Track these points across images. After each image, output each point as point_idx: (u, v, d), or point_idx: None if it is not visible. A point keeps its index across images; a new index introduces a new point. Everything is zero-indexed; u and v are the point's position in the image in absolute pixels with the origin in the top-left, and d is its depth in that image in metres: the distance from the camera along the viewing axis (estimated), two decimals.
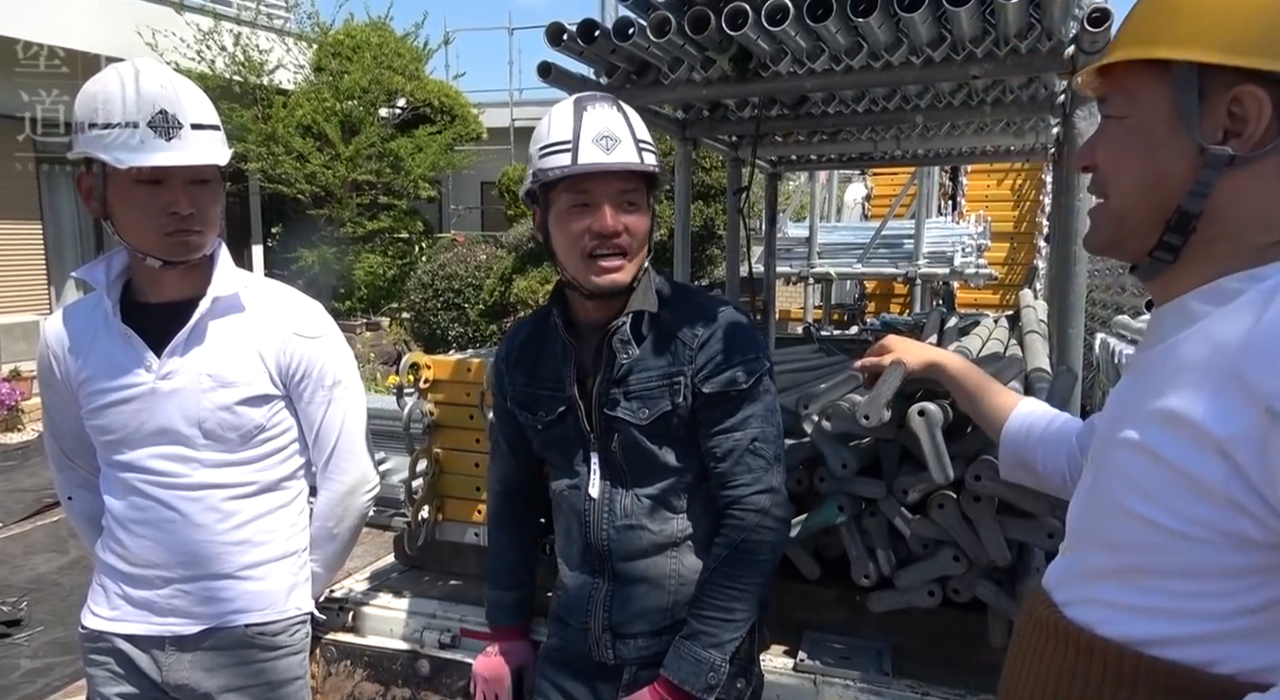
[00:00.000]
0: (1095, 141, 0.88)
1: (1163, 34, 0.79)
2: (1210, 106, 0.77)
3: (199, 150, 1.40)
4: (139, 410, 1.48)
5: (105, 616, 1.54)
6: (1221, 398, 0.70)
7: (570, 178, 1.31)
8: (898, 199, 5.83)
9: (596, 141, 1.30)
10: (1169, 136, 0.79)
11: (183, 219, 1.41)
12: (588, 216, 1.32)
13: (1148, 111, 0.81)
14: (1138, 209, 0.83)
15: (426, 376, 1.95)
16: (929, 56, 1.77)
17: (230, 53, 10.80)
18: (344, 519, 1.67)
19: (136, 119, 1.35)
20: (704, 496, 1.42)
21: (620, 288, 1.35)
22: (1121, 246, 0.88)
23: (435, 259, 9.93)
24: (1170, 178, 0.79)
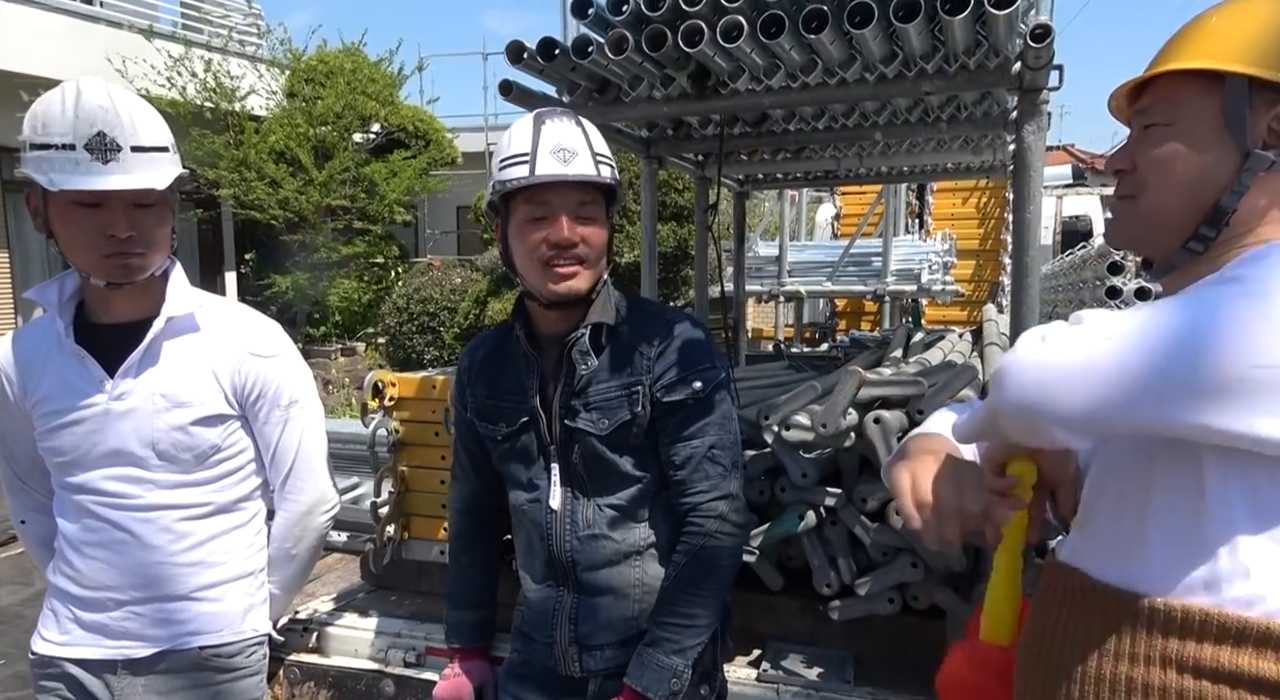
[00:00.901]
0: (1132, 147, 0.96)
1: (1217, 50, 0.89)
2: (1255, 118, 0.87)
3: (138, 174, 1.37)
4: (92, 431, 1.46)
5: (56, 641, 1.50)
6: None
7: (528, 189, 1.33)
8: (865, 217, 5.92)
9: (554, 153, 1.32)
10: (1215, 141, 0.89)
11: (121, 242, 1.38)
12: (545, 227, 1.34)
13: (1195, 118, 0.90)
14: (1175, 206, 0.91)
15: (391, 394, 1.95)
16: (882, 73, 1.81)
17: (201, 79, 10.77)
18: (302, 539, 1.65)
19: (73, 140, 1.33)
20: (665, 505, 1.42)
21: (577, 295, 1.36)
22: (1148, 242, 0.96)
23: (410, 283, 9.91)
24: (1212, 178, 0.89)
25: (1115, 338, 0.78)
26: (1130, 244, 1.01)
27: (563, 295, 1.36)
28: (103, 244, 1.38)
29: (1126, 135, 1.01)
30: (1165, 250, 0.94)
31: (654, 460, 1.41)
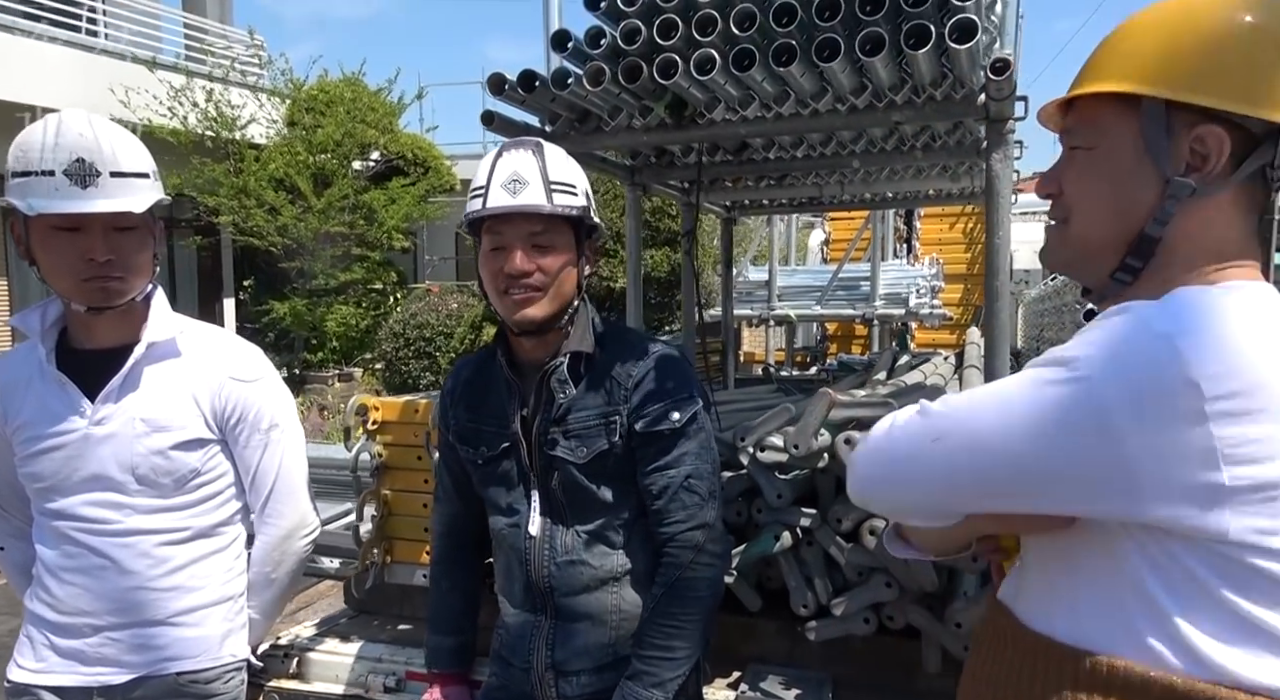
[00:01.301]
0: (1060, 170, 0.92)
1: (1133, 70, 0.84)
2: (1175, 141, 0.82)
3: (119, 198, 1.41)
4: (71, 457, 1.48)
5: (31, 669, 1.51)
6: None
7: (486, 220, 1.36)
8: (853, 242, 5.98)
9: (505, 185, 1.35)
10: (1136, 166, 0.84)
11: (100, 266, 1.41)
12: (502, 258, 1.37)
13: (1116, 143, 0.86)
14: (1102, 234, 0.87)
15: (374, 418, 1.96)
16: (853, 104, 1.85)
17: (203, 108, 10.91)
18: (281, 564, 1.66)
19: (53, 167, 1.37)
20: (644, 532, 1.44)
21: (533, 323, 1.38)
22: (1081, 268, 0.93)
23: (407, 308, 9.95)
24: (1135, 205, 0.84)
25: (941, 436, 0.80)
26: (1063, 269, 0.99)
27: (521, 323, 1.39)
28: (82, 268, 1.41)
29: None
30: (1097, 278, 0.91)
31: (632, 488, 1.42)
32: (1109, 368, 0.72)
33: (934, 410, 0.82)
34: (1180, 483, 0.70)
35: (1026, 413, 0.75)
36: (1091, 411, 0.72)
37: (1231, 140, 0.80)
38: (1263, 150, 0.81)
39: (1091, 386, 0.72)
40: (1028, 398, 0.75)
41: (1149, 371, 0.71)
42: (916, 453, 0.82)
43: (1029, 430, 0.74)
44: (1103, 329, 0.76)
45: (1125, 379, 0.71)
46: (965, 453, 0.78)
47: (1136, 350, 0.72)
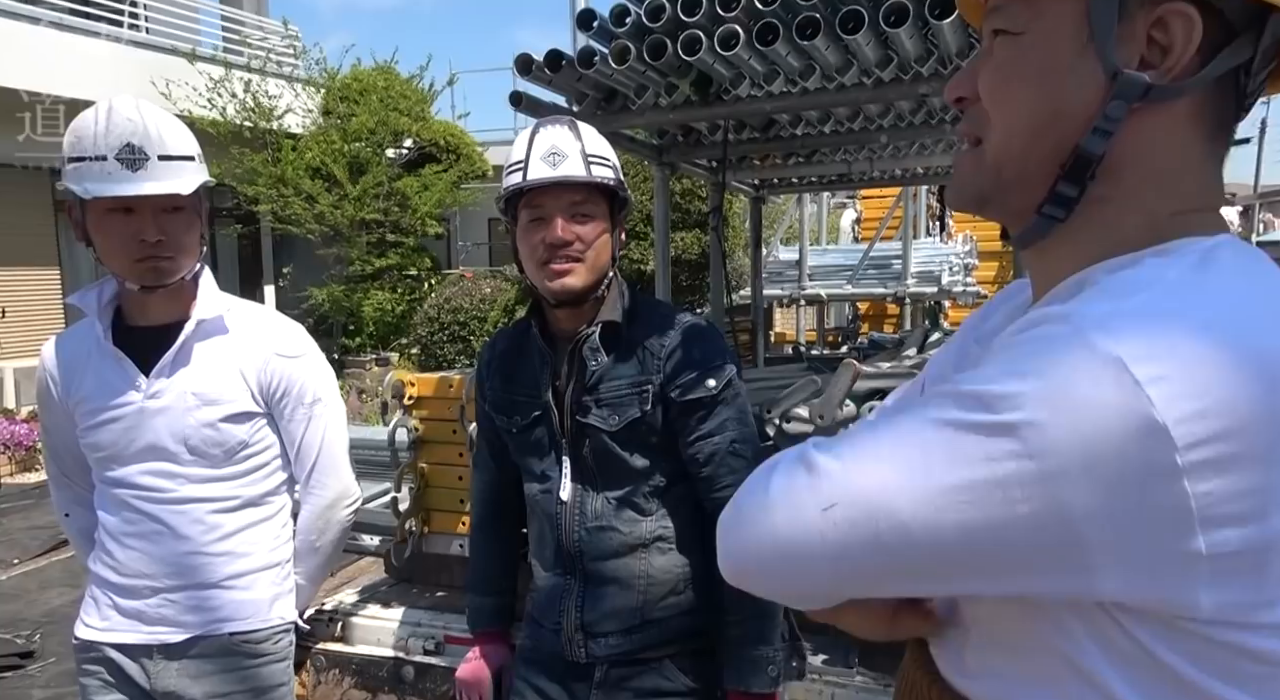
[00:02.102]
0: (976, 67, 0.68)
1: None
2: (1129, 25, 0.62)
3: (164, 180, 1.48)
4: (128, 428, 1.56)
5: (96, 627, 1.60)
6: None
7: (525, 194, 1.41)
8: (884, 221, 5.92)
9: (544, 158, 1.39)
10: (1074, 57, 0.63)
11: (151, 246, 1.49)
12: (542, 229, 1.41)
13: (1053, 25, 0.64)
14: (1026, 152, 0.65)
15: (410, 394, 2.03)
16: (879, 77, 1.86)
17: (241, 99, 11.11)
18: (325, 532, 1.73)
19: (105, 152, 1.45)
20: (673, 499, 1.47)
21: (572, 292, 1.43)
22: (998, 202, 0.69)
23: (441, 293, 10.09)
24: (1070, 110, 0.63)
25: (833, 503, 0.59)
26: (970, 204, 0.72)
27: (559, 292, 1.42)
28: (134, 248, 1.48)
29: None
30: (1019, 214, 0.68)
31: (663, 456, 1.46)
32: (1049, 411, 0.53)
33: (820, 464, 0.60)
34: (1145, 554, 0.54)
35: (943, 472, 0.55)
36: (1030, 472, 0.53)
37: (1204, 26, 0.60)
38: (1240, 45, 0.61)
39: (1027, 438, 0.53)
40: (944, 450, 0.56)
41: (1101, 415, 0.52)
42: (800, 524, 0.60)
43: (947, 496, 0.55)
44: (1036, 350, 0.56)
45: (1071, 426, 0.53)
46: (864, 526, 0.58)
47: (1083, 385, 0.53)
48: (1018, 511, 0.54)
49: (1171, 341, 0.53)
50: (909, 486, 0.57)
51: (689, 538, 1.47)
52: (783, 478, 0.62)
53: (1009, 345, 0.59)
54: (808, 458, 0.61)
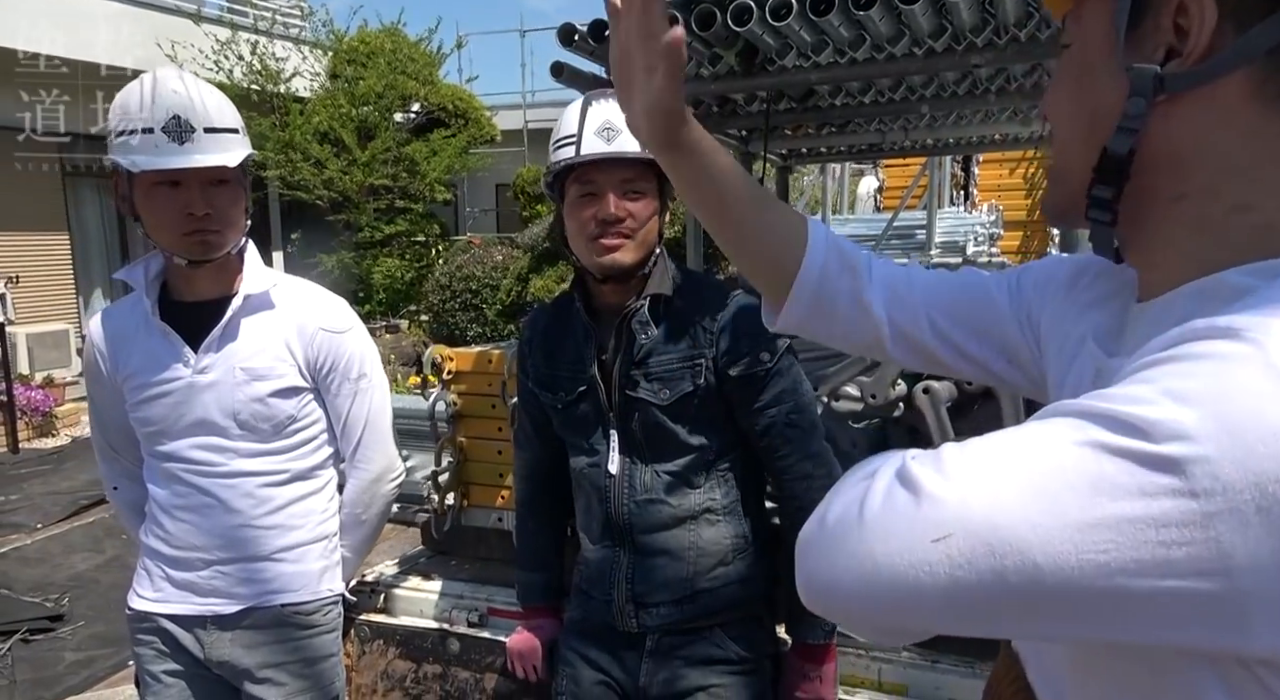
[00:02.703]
0: (1052, 83, 0.70)
1: None
2: (1155, 20, 0.60)
3: (213, 154, 1.47)
4: (178, 403, 1.56)
5: (150, 598, 1.62)
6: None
7: (577, 169, 1.38)
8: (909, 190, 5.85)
9: (598, 133, 1.37)
10: (1103, 59, 0.62)
11: (199, 219, 1.48)
12: (594, 204, 1.40)
13: (1087, 32, 0.64)
14: (1078, 159, 0.64)
15: (449, 369, 2.02)
16: (931, 47, 1.82)
17: (247, 62, 10.96)
18: (371, 506, 1.74)
19: (152, 125, 1.43)
20: (721, 471, 1.48)
21: (622, 268, 1.41)
22: (1073, 214, 0.67)
23: (452, 261, 10.05)
24: (1103, 113, 0.62)
25: (946, 533, 0.51)
26: (1055, 219, 0.73)
27: (608, 267, 1.41)
28: (182, 222, 1.47)
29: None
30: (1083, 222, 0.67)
31: (712, 429, 1.46)
32: (1220, 445, 0.46)
33: (929, 486, 0.52)
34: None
35: (1085, 506, 0.48)
36: (1192, 513, 0.46)
37: (1225, 5, 0.56)
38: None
39: (1191, 473, 0.46)
40: (1087, 480, 0.49)
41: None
42: (905, 555, 0.53)
43: (1089, 534, 0.48)
44: (1202, 370, 0.49)
45: (1246, 464, 0.45)
46: (985, 562, 0.50)
47: (1265, 420, 0.46)
48: (1172, 556, 0.47)
49: None
50: (1042, 520, 0.49)
51: (737, 509, 1.48)
52: (882, 499, 0.55)
53: (1162, 361, 0.51)
54: (910, 476, 0.53)
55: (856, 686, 1.54)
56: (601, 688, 1.51)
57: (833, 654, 1.50)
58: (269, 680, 1.61)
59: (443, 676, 1.85)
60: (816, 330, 0.92)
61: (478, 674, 1.82)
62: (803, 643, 1.49)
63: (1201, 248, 0.60)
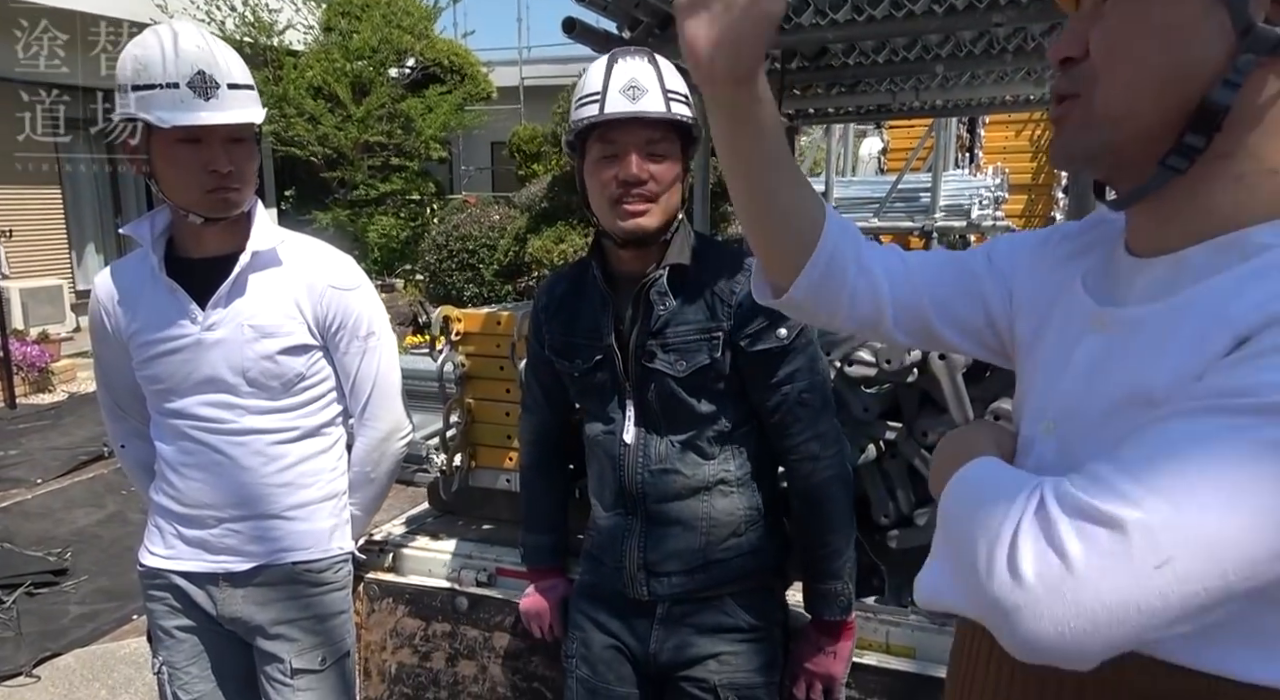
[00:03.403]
0: (1085, 27, 0.71)
1: None
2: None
3: (236, 109, 1.45)
4: (186, 360, 1.55)
5: (162, 555, 1.63)
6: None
7: (600, 127, 1.35)
8: (914, 152, 5.78)
9: (623, 92, 1.34)
10: (1203, 14, 0.64)
11: (222, 176, 1.46)
12: (615, 165, 1.36)
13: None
14: (1147, 106, 0.67)
15: (457, 329, 2.00)
16: (951, 4, 1.77)
17: (239, 13, 10.71)
18: (380, 464, 1.74)
19: (176, 80, 1.40)
20: (735, 443, 1.47)
21: (645, 233, 1.39)
22: (1110, 159, 0.71)
23: (449, 220, 9.94)
24: (1198, 64, 0.64)
25: (1167, 559, 0.55)
26: (1085, 160, 0.75)
27: (630, 232, 1.39)
28: (205, 179, 1.45)
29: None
30: (1135, 169, 0.69)
31: (728, 402, 1.45)
32: None
33: (1127, 517, 0.56)
34: None
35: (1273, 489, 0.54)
36: None
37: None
38: None
39: None
40: (1268, 466, 0.54)
41: None
42: (1132, 589, 0.56)
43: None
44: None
45: None
46: (1211, 573, 0.55)
47: None
48: None
49: None
50: (1253, 520, 0.54)
51: (751, 480, 1.48)
52: (1080, 542, 0.57)
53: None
54: (1093, 510, 0.57)
55: (864, 648, 1.56)
56: (612, 651, 1.52)
57: (851, 631, 1.51)
58: (281, 636, 1.62)
59: (451, 635, 1.87)
60: (819, 304, 0.92)
61: (486, 632, 1.84)
62: (821, 619, 1.50)
63: (1231, 204, 0.65)
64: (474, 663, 1.85)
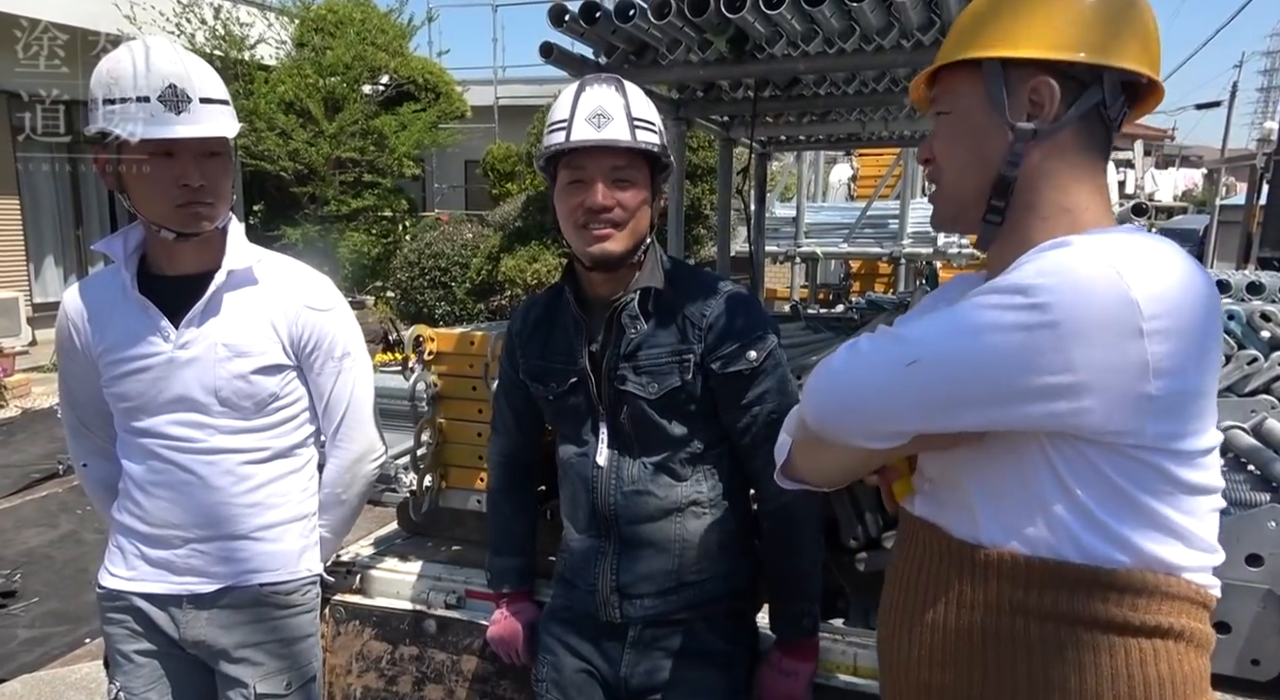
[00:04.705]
0: (931, 138, 1.05)
1: (970, 40, 0.99)
2: (1015, 95, 0.96)
3: (208, 123, 1.44)
4: (157, 379, 1.53)
5: (123, 576, 1.59)
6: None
7: (567, 154, 1.37)
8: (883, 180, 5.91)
9: (589, 120, 1.36)
10: (986, 120, 0.98)
11: (194, 191, 1.45)
12: (582, 192, 1.39)
13: (967, 104, 1.00)
14: (969, 185, 1.00)
15: (430, 349, 2.00)
16: (919, 40, 1.83)
17: (210, 26, 10.63)
18: (351, 486, 1.72)
19: (147, 93, 1.39)
20: (708, 465, 1.49)
21: (610, 257, 1.41)
22: (960, 220, 1.06)
23: (421, 238, 9.90)
24: (990, 154, 0.98)
25: (917, 360, 0.89)
26: (947, 225, 1.10)
27: (596, 257, 1.41)
28: (176, 194, 1.44)
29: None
30: (973, 227, 1.02)
31: (700, 423, 1.47)
32: (1066, 294, 0.82)
33: (906, 336, 0.91)
34: (1119, 392, 0.83)
35: (998, 339, 0.85)
36: (1053, 333, 0.82)
37: (1061, 87, 0.94)
38: (1091, 92, 0.95)
39: (1050, 311, 0.82)
40: (997, 325, 0.85)
41: (1102, 296, 0.82)
42: (891, 376, 0.91)
43: (1000, 354, 0.85)
44: (1048, 259, 0.86)
45: (1081, 303, 0.82)
46: (942, 375, 0.88)
47: (1089, 277, 0.83)
48: (1045, 362, 0.83)
49: (1137, 255, 0.85)
50: (975, 350, 0.86)
51: (723, 502, 1.50)
52: (872, 343, 0.94)
53: (1023, 263, 0.89)
54: (893, 335, 0.92)
55: (833, 670, 1.58)
56: (583, 675, 1.52)
57: (814, 653, 1.52)
58: (245, 660, 1.59)
59: (419, 658, 1.85)
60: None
61: (454, 656, 1.82)
62: (785, 640, 1.51)
63: (1039, 234, 0.95)
64: (441, 687, 1.83)
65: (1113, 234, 0.92)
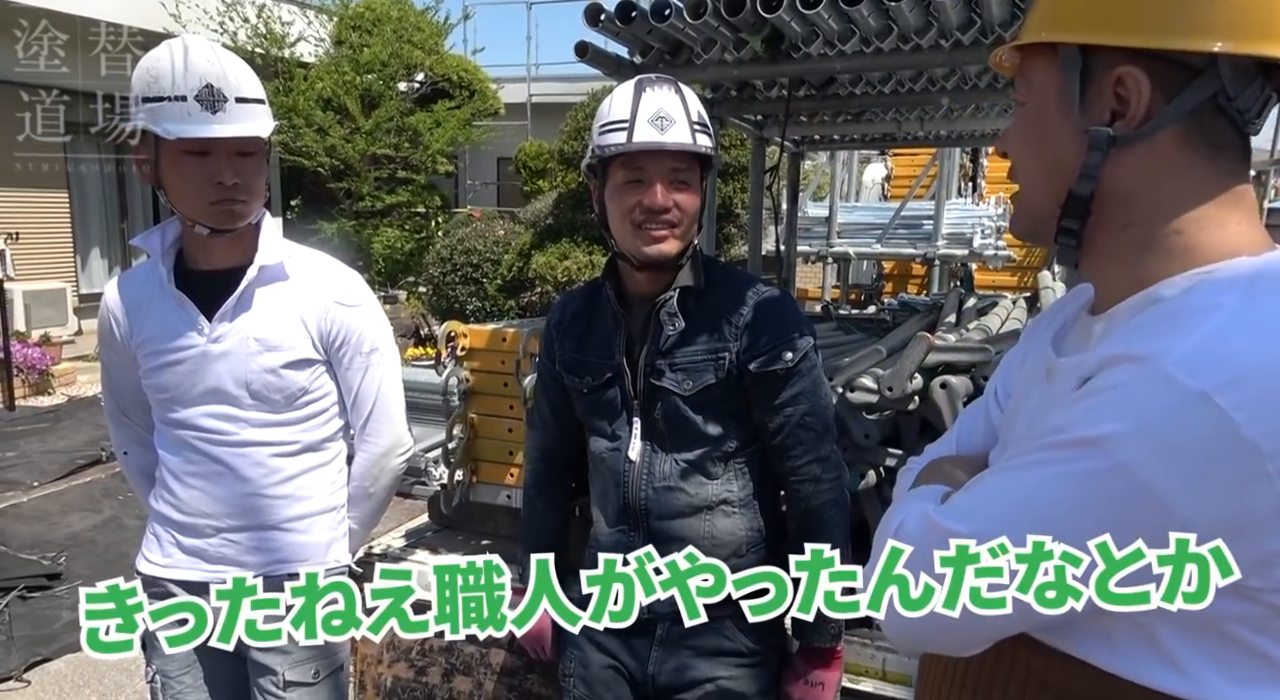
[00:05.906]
0: (1008, 130, 0.87)
1: (1049, 18, 0.78)
2: (1098, 89, 0.75)
3: (243, 123, 1.46)
4: (191, 371, 1.56)
5: (159, 563, 1.63)
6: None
7: (625, 155, 1.37)
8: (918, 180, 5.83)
9: (652, 121, 1.36)
10: (1060, 120, 0.78)
11: (227, 189, 1.48)
12: (640, 192, 1.39)
13: (1041, 96, 0.80)
14: (1043, 196, 0.81)
15: (463, 345, 2.02)
16: (958, 39, 1.81)
17: (253, 25, 10.82)
18: (379, 479, 1.74)
19: (184, 92, 1.42)
20: (739, 463, 1.49)
21: (667, 258, 1.42)
22: (1036, 236, 0.86)
23: (454, 234, 9.98)
24: (1062, 162, 0.77)
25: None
26: (1025, 238, 0.91)
27: (653, 258, 1.41)
28: (210, 191, 1.47)
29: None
30: (1049, 244, 0.83)
31: (733, 422, 1.47)
32: (1148, 446, 0.64)
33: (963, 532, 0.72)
34: (1255, 546, 0.64)
35: (1074, 513, 0.68)
36: (1146, 498, 0.64)
37: (1155, 79, 0.72)
38: (1203, 81, 0.71)
39: (1135, 470, 0.64)
40: (1069, 493, 0.68)
41: (1198, 445, 0.62)
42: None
43: (1082, 532, 0.67)
44: (1121, 390, 0.67)
45: (1172, 456, 0.63)
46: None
47: (1175, 420, 0.63)
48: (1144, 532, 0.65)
49: (1243, 363, 0.63)
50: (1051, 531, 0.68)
51: (753, 501, 1.49)
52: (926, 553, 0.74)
53: (1093, 394, 0.69)
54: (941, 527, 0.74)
55: (860, 675, 1.56)
56: (610, 671, 1.52)
57: (839, 660, 1.51)
58: (275, 648, 1.62)
59: (448, 650, 1.87)
60: None
61: (483, 648, 1.83)
62: (810, 646, 1.50)
63: (1142, 264, 0.75)
64: (470, 679, 1.85)
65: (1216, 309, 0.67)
